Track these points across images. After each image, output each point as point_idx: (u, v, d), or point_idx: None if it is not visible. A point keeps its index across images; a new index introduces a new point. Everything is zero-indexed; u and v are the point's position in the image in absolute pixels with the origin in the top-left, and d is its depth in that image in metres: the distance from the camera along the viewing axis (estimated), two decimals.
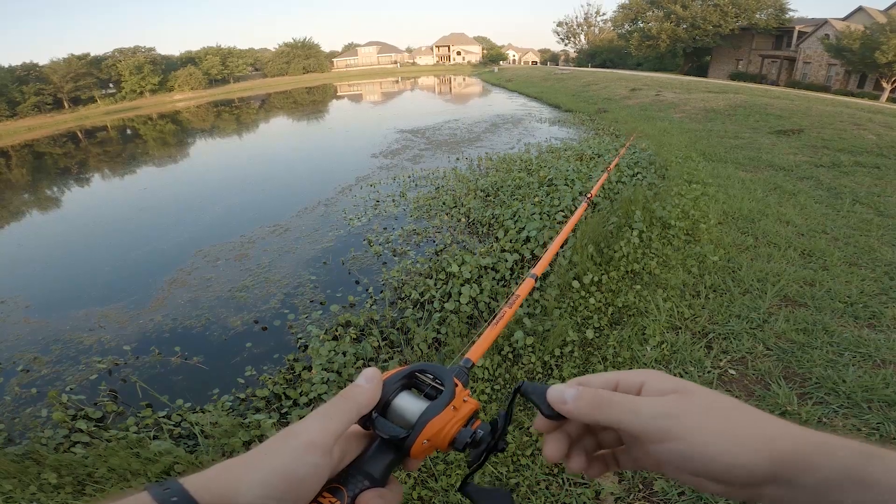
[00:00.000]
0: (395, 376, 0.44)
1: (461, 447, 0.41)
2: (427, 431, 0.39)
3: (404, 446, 0.39)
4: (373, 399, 0.39)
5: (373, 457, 0.39)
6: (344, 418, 0.36)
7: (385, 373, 0.43)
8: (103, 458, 2.19)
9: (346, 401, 0.38)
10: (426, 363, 0.45)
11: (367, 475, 0.38)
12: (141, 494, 0.30)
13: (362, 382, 0.40)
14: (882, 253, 3.55)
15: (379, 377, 0.41)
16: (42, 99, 40.32)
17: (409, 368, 0.45)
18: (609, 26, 50.83)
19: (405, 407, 0.41)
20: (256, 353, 3.44)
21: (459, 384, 0.44)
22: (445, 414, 0.41)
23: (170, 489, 0.30)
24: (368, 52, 73.66)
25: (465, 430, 0.41)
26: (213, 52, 53.48)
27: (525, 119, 14.04)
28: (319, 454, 0.33)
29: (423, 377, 0.45)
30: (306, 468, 0.32)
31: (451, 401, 0.42)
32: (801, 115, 9.93)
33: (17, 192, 11.56)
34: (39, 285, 5.26)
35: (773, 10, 32.49)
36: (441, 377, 0.44)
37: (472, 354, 0.56)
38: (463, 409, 0.42)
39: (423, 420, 0.40)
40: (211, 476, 0.32)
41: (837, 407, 2.09)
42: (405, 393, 0.43)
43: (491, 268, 3.87)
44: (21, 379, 3.43)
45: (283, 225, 6.07)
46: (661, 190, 4.98)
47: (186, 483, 0.31)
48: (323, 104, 27.72)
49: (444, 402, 0.41)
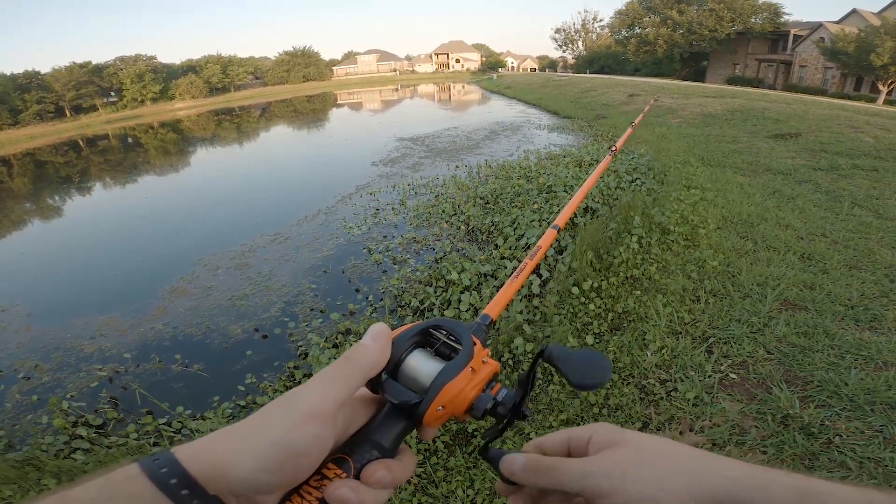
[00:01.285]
0: (407, 333, 0.39)
1: (480, 414, 0.37)
2: (442, 396, 0.35)
3: (417, 413, 0.35)
4: (380, 360, 0.36)
5: (382, 424, 0.36)
6: (348, 383, 0.33)
7: (395, 330, 0.39)
8: (104, 464, 2.19)
9: (351, 363, 0.34)
10: (441, 318, 0.41)
11: (375, 444, 0.34)
12: (130, 466, 0.28)
13: (368, 341, 0.36)
14: (882, 255, 3.56)
15: (388, 335, 0.37)
16: (44, 107, 40.62)
17: (422, 325, 0.41)
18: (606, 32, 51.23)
19: (418, 368, 0.37)
20: (257, 360, 3.43)
21: (478, 343, 0.40)
22: (463, 376, 0.36)
23: (159, 460, 0.28)
24: (368, 60, 74.22)
25: (484, 394, 0.37)
26: (213, 60, 53.95)
27: (524, 126, 14.11)
28: (320, 424, 0.31)
29: (437, 334, 0.41)
30: (306, 439, 0.30)
31: (469, 361, 0.37)
32: (798, 118, 9.98)
33: (20, 200, 11.61)
34: (41, 294, 5.27)
35: (767, 14, 32.78)
36: (458, 334, 0.40)
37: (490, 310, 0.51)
38: (482, 371, 0.38)
39: (437, 383, 0.36)
40: (204, 446, 0.30)
41: (840, 410, 2.08)
42: (418, 352, 0.39)
43: (490, 275, 3.87)
44: (22, 386, 3.43)
45: (283, 233, 6.09)
46: (660, 195, 5.00)
47: (178, 453, 0.29)
48: (323, 112, 27.88)
49: (462, 363, 0.37)
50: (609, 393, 2.42)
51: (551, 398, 2.44)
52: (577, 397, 2.43)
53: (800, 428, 2.00)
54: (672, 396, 2.31)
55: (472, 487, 1.97)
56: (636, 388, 2.41)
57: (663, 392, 2.36)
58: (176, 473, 0.27)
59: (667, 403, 2.27)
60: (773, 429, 2.01)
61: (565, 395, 2.47)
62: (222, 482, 0.28)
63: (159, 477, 0.27)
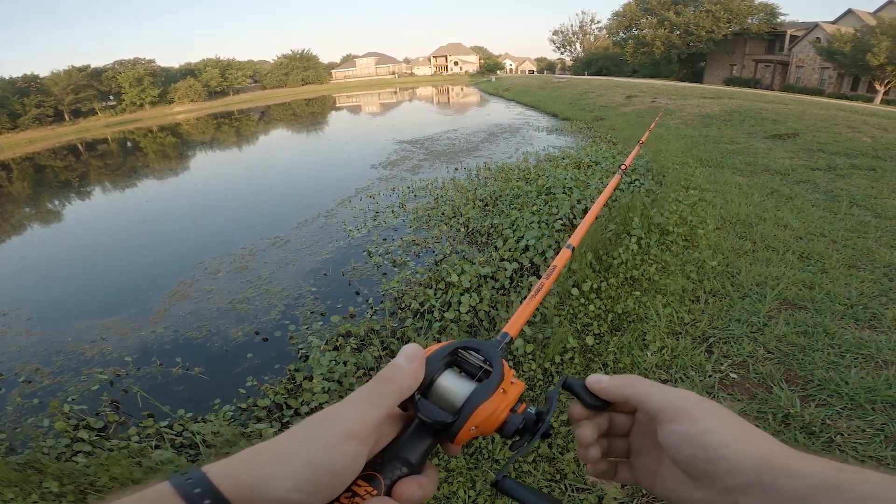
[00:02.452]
0: (439, 353, 0.40)
1: (510, 433, 0.38)
2: (476, 417, 0.36)
3: (449, 432, 0.36)
4: (416, 381, 0.36)
5: (410, 441, 0.36)
6: (384, 404, 0.34)
7: (426, 349, 0.40)
8: (105, 466, 2.19)
9: (387, 384, 0.35)
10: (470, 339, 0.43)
11: (404, 461, 0.35)
12: (162, 485, 0.28)
13: (403, 362, 0.36)
14: (880, 255, 3.57)
15: (422, 356, 0.38)
16: (43, 111, 40.56)
17: (452, 345, 0.42)
18: (604, 34, 51.38)
19: (450, 388, 0.38)
20: (257, 363, 3.44)
21: (505, 363, 0.41)
22: (496, 397, 0.37)
23: (192, 479, 0.28)
24: (367, 62, 74.35)
25: (514, 415, 0.38)
26: (212, 63, 53.99)
27: (523, 128, 14.14)
28: (357, 444, 0.31)
29: (466, 355, 0.41)
30: (343, 459, 0.30)
31: (501, 383, 0.38)
32: (795, 118, 10.01)
33: (19, 205, 11.60)
34: (41, 297, 5.26)
35: (763, 15, 32.90)
36: (489, 356, 0.41)
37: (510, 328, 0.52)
38: (511, 392, 0.39)
39: (472, 405, 0.37)
40: (237, 464, 0.29)
41: (840, 409, 2.09)
42: (449, 372, 0.40)
43: (490, 277, 3.88)
44: (23, 389, 3.43)
45: (283, 237, 6.10)
46: (659, 196, 5.01)
47: (210, 472, 0.29)
48: (322, 116, 27.92)
49: (494, 385, 0.38)
50: None
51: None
52: None
53: (801, 427, 2.00)
54: None
55: (474, 489, 1.97)
56: None
57: None
58: (208, 494, 0.27)
59: None
60: (775, 428, 2.02)
61: (566, 395, 2.47)
62: (255, 502, 0.28)
63: (192, 498, 0.27)
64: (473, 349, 0.42)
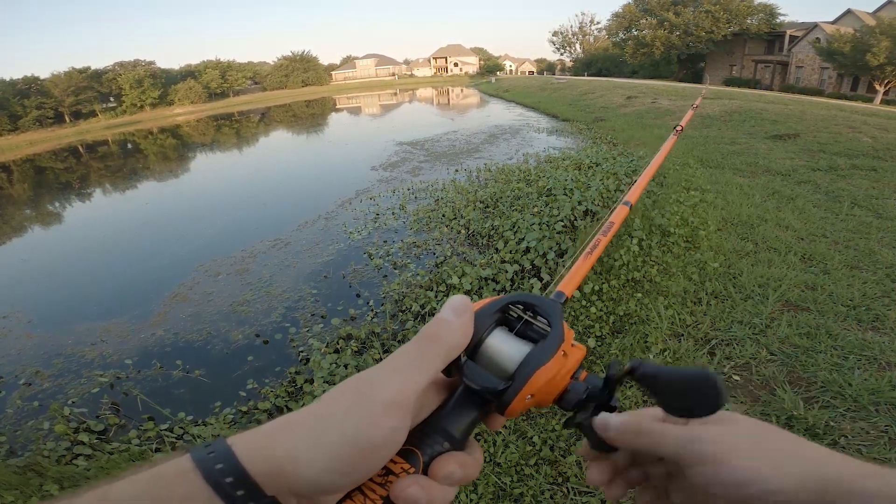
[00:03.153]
0: (489, 308, 0.35)
1: (571, 405, 0.34)
2: (533, 383, 0.32)
3: (502, 401, 0.32)
4: (464, 339, 0.31)
5: (453, 412, 0.32)
6: (430, 367, 0.29)
7: (475, 303, 0.35)
8: (106, 469, 2.18)
9: (432, 342, 0.30)
10: (524, 293, 0.37)
11: (446, 435, 0.31)
12: (183, 459, 0.25)
13: (450, 316, 0.31)
14: (882, 255, 3.56)
15: (471, 309, 0.32)
16: (43, 113, 40.67)
17: (504, 299, 0.36)
18: (604, 35, 51.41)
19: (502, 350, 0.33)
20: (258, 366, 3.43)
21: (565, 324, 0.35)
22: (556, 361, 0.33)
23: (215, 453, 0.25)
24: (366, 64, 74.47)
25: (577, 382, 0.34)
26: (212, 65, 54.12)
27: (523, 129, 14.14)
28: (400, 416, 0.27)
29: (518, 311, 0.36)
30: (383, 434, 0.26)
31: (561, 344, 0.33)
32: (796, 119, 10.01)
33: (20, 207, 11.61)
34: (41, 300, 5.26)
35: (763, 15, 32.95)
36: (547, 313, 0.35)
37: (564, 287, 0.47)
38: (573, 356, 0.34)
39: (528, 369, 0.32)
40: (264, 440, 0.26)
41: (844, 410, 2.08)
42: (499, 331, 0.35)
43: (491, 279, 3.87)
44: (23, 392, 3.42)
45: (283, 239, 6.09)
46: (660, 197, 5.01)
47: (235, 445, 0.25)
48: (322, 117, 27.95)
49: (554, 347, 0.33)
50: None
51: None
52: None
53: (805, 429, 2.00)
54: None
55: (476, 492, 1.96)
56: (639, 391, 2.40)
57: None
58: (232, 471, 0.24)
59: None
60: None
61: None
62: (283, 481, 0.25)
63: (214, 475, 0.24)
64: (529, 304, 0.36)
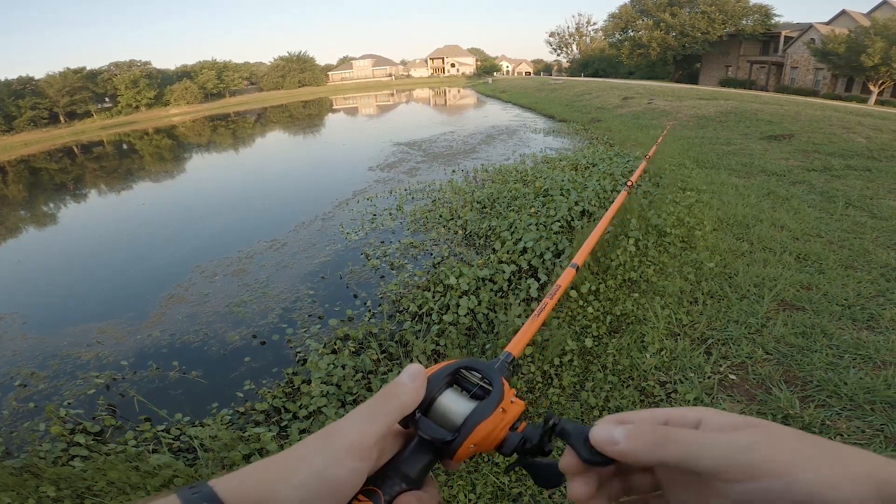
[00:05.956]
0: (440, 372, 0.41)
1: (509, 452, 0.39)
2: (475, 435, 0.37)
3: (449, 450, 0.37)
4: (417, 398, 0.37)
5: (410, 457, 0.37)
6: (386, 419, 0.35)
7: (428, 369, 0.41)
8: (102, 471, 2.17)
9: (390, 400, 0.36)
10: (472, 359, 0.43)
11: (403, 476, 0.36)
12: (170, 498, 0.29)
13: (406, 380, 0.37)
14: (877, 255, 3.58)
15: (423, 375, 0.39)
16: (38, 113, 40.38)
17: (454, 365, 0.42)
18: (600, 36, 51.56)
19: (450, 407, 0.39)
20: (255, 367, 3.42)
21: (506, 383, 0.41)
22: (495, 417, 0.38)
23: (199, 493, 0.29)
24: (363, 65, 74.40)
25: (513, 433, 0.39)
26: (208, 66, 53.87)
27: (520, 130, 14.17)
28: (360, 457, 0.32)
29: (468, 374, 0.42)
30: (346, 472, 0.31)
31: (500, 402, 0.39)
32: (791, 119, 10.07)
33: (15, 208, 11.53)
34: (37, 301, 5.23)
35: (758, 16, 33.11)
36: (489, 376, 0.42)
37: (512, 348, 0.52)
38: (511, 411, 0.40)
39: (471, 423, 0.37)
40: (244, 478, 0.30)
41: (840, 409, 2.09)
42: (450, 391, 0.41)
43: (489, 279, 3.87)
44: (19, 394, 3.40)
45: (280, 240, 6.08)
46: (656, 198, 5.02)
47: (217, 486, 0.30)
48: (319, 118, 27.90)
49: (494, 404, 0.39)
50: (609, 395, 2.42)
51: (551, 401, 2.44)
52: (577, 400, 2.44)
53: (800, 428, 2.00)
54: (672, 398, 2.32)
55: (475, 492, 1.96)
56: (636, 391, 2.41)
57: (663, 394, 2.36)
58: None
59: (667, 405, 2.27)
60: None
61: (565, 398, 2.47)
62: None
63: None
64: (475, 369, 0.43)
